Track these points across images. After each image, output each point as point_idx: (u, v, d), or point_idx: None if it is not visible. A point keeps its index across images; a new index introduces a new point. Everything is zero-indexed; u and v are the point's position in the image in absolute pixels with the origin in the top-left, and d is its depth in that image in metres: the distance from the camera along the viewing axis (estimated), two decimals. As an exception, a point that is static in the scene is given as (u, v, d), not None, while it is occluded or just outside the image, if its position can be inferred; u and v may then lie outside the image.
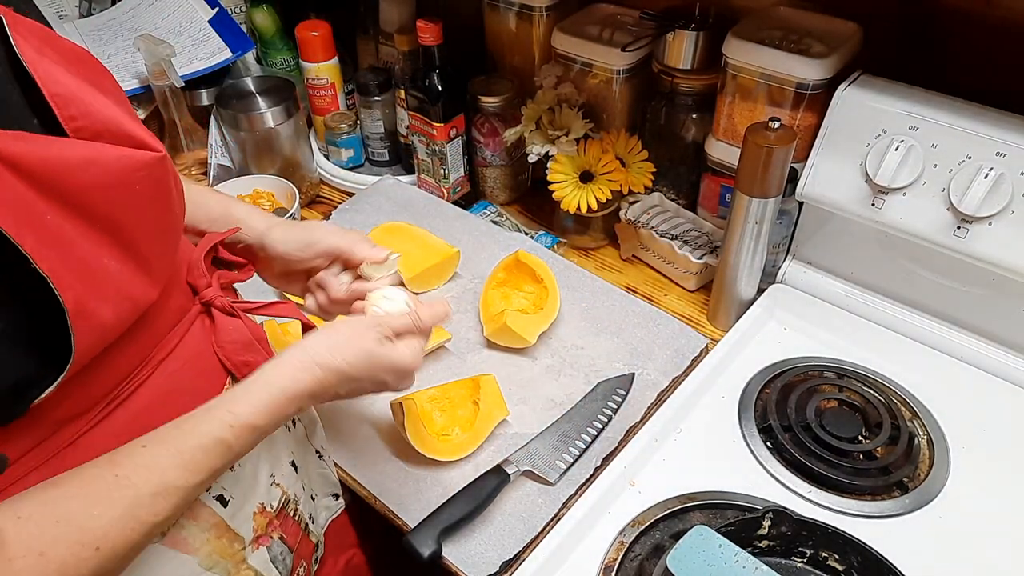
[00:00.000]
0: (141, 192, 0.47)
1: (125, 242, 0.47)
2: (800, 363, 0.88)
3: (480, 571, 0.69)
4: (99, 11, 1.29)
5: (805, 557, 0.70)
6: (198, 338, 0.58)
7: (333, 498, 0.78)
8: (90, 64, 0.53)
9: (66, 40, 0.52)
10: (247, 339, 0.60)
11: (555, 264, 0.99)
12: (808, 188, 0.86)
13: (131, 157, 0.46)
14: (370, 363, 0.59)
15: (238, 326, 0.60)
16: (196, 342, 0.58)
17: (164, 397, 0.54)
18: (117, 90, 0.55)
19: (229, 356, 0.59)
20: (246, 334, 0.60)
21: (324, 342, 0.58)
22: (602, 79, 0.99)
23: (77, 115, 0.45)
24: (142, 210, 0.48)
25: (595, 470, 0.77)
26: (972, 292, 0.83)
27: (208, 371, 0.59)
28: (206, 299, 0.59)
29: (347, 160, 1.23)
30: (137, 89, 1.16)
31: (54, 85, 0.45)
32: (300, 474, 0.69)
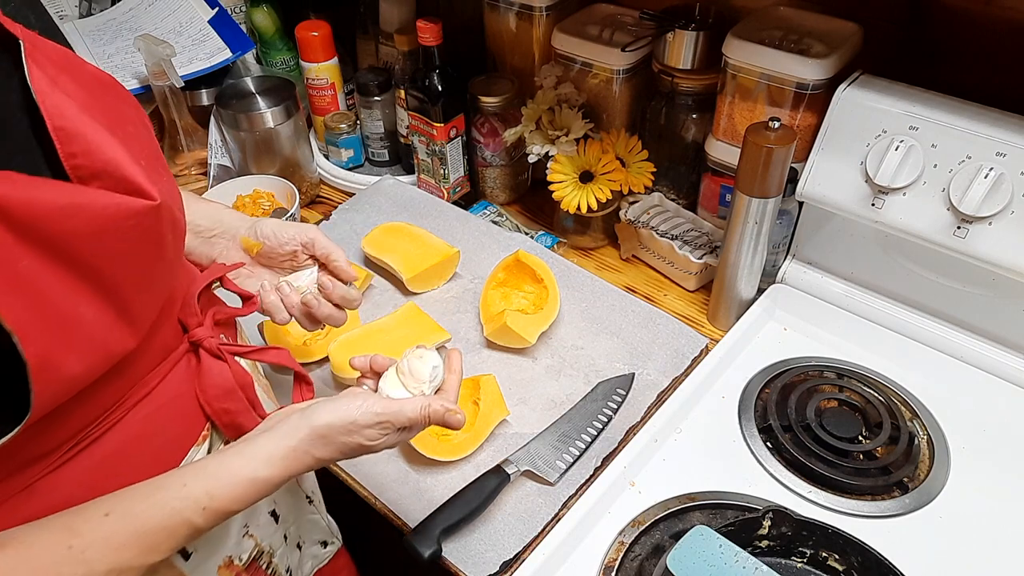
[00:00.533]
0: (129, 241, 0.45)
1: (106, 290, 0.45)
2: (800, 363, 0.88)
3: (480, 571, 0.69)
4: (99, 11, 1.29)
5: (805, 557, 0.70)
6: (180, 380, 0.56)
7: (321, 546, 0.76)
8: (114, 91, 0.51)
9: (91, 66, 0.50)
10: (230, 386, 0.58)
11: (555, 264, 0.99)
12: (808, 188, 0.86)
13: (121, 205, 0.44)
14: (360, 452, 0.58)
15: (223, 371, 0.58)
16: (178, 384, 0.56)
17: (135, 441, 0.52)
18: (139, 119, 0.53)
19: (210, 402, 0.57)
20: (230, 380, 0.58)
21: (323, 433, 0.54)
22: (602, 79, 0.99)
23: (78, 152, 0.43)
24: (128, 259, 0.46)
25: (595, 470, 0.77)
26: (972, 292, 0.83)
27: (186, 416, 0.56)
28: (195, 338, 0.57)
29: (347, 160, 1.23)
30: (137, 89, 1.16)
31: (60, 119, 0.43)
32: (282, 524, 0.68)
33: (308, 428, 0.54)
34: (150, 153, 0.52)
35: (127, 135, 0.48)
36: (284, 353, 0.63)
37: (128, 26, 1.25)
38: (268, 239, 0.69)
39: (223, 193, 1.10)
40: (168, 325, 0.56)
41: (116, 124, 0.48)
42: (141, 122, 0.54)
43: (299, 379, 0.64)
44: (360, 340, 0.88)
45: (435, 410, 0.60)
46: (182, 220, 0.54)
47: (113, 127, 0.47)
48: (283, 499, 0.69)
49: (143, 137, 0.52)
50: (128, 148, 0.46)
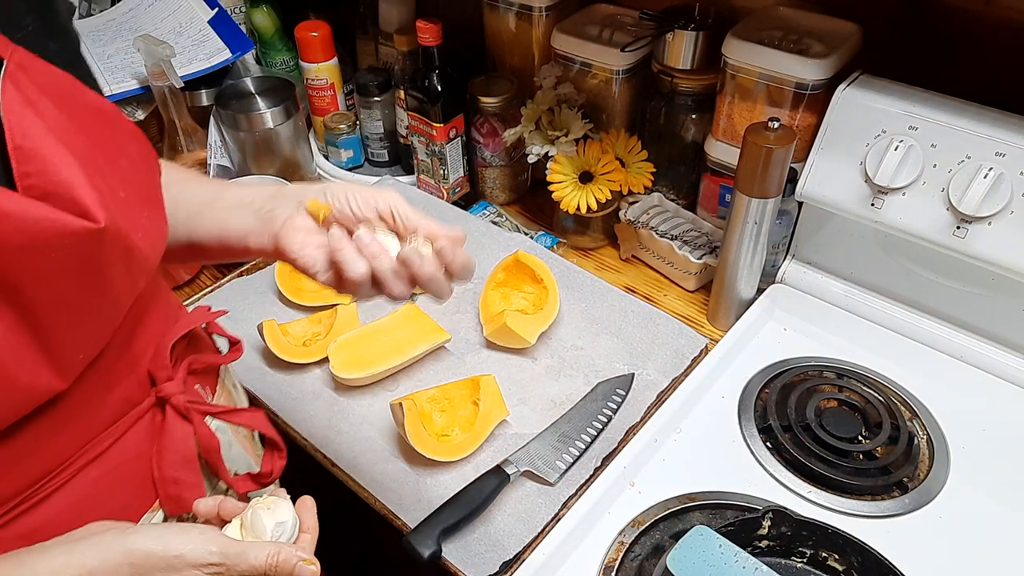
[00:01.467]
0: (60, 262, 0.42)
1: (24, 312, 0.41)
2: (800, 363, 0.88)
3: (480, 571, 0.69)
4: (99, 12, 1.29)
5: (805, 557, 0.70)
6: (140, 439, 0.52)
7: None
8: (112, 124, 0.49)
9: (93, 96, 0.48)
10: (190, 454, 0.53)
11: (555, 264, 0.99)
12: (808, 188, 0.86)
13: (56, 221, 0.41)
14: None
15: (187, 435, 0.53)
16: (136, 444, 0.51)
17: (82, 505, 0.47)
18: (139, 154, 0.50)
19: (161, 466, 0.52)
20: (191, 448, 0.53)
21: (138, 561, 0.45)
22: (602, 79, 0.99)
23: (32, 172, 0.41)
24: (57, 283, 0.42)
25: (595, 470, 0.77)
26: (972, 292, 0.83)
27: (137, 483, 0.52)
28: (162, 394, 0.53)
29: (347, 160, 1.23)
30: (137, 90, 1.16)
31: (21, 138, 0.41)
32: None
33: (121, 551, 0.44)
34: (138, 188, 0.49)
35: (112, 166, 0.46)
36: (259, 416, 0.59)
37: (128, 26, 1.25)
38: (339, 201, 0.56)
39: (223, 193, 1.10)
40: (133, 376, 0.52)
41: (101, 153, 0.46)
42: (141, 157, 0.51)
43: (271, 446, 0.60)
44: (360, 340, 0.88)
45: (285, 559, 0.49)
46: (150, 258, 0.49)
47: (93, 155, 0.45)
48: None
49: (137, 172, 0.49)
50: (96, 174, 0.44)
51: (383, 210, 0.56)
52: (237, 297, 0.98)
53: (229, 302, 0.97)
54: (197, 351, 0.60)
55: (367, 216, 0.56)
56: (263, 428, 0.59)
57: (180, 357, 0.56)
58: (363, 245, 0.54)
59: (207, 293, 0.99)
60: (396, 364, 0.86)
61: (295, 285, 0.98)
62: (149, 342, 0.53)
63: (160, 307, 0.56)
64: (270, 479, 0.60)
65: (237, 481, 0.58)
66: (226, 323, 0.94)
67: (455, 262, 0.56)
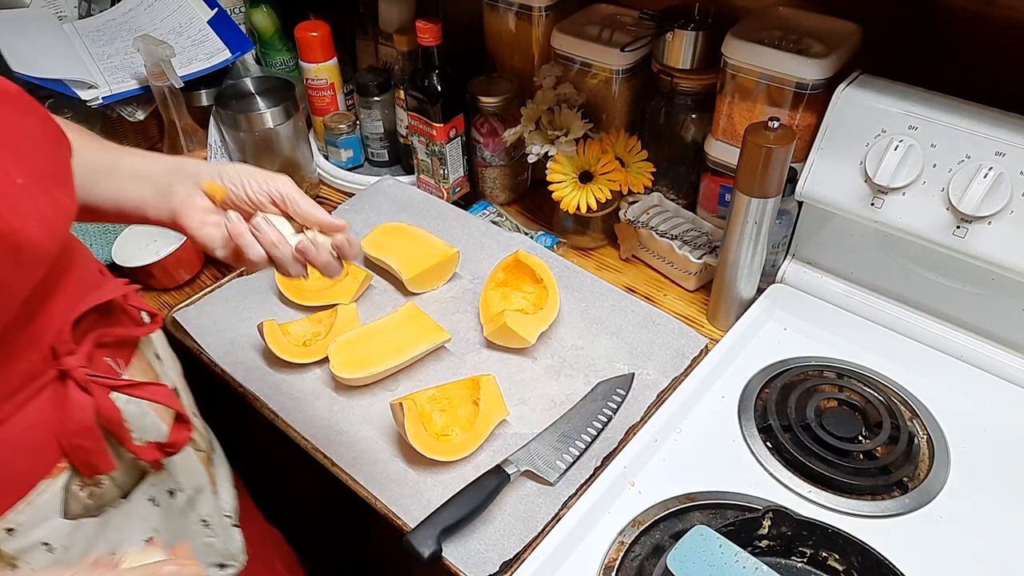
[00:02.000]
0: None
1: None
2: (800, 363, 0.88)
3: (480, 571, 0.69)
4: (98, 12, 1.29)
5: (805, 557, 0.70)
6: (40, 410, 0.53)
7: (218, 568, 0.74)
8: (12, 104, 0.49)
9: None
10: (89, 424, 0.54)
11: (555, 264, 0.99)
12: (808, 188, 0.86)
13: None
14: None
15: (86, 406, 0.54)
16: (36, 414, 0.53)
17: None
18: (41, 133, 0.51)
19: (66, 436, 0.54)
20: (90, 418, 0.54)
21: None
22: (601, 79, 0.99)
23: None
24: None
25: (595, 470, 0.77)
26: (972, 292, 0.83)
27: (41, 448, 0.54)
28: (64, 367, 0.54)
29: (346, 160, 1.24)
30: (136, 90, 1.16)
31: None
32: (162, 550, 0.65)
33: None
34: (40, 170, 0.49)
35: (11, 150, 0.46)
36: (163, 390, 0.60)
37: (127, 26, 1.25)
38: (234, 186, 0.61)
39: (223, 193, 1.10)
40: (34, 350, 0.53)
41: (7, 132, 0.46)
42: (45, 136, 0.51)
43: (179, 419, 0.62)
44: (360, 340, 0.88)
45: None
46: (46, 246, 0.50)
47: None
48: (168, 523, 0.66)
49: (40, 152, 0.50)
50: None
51: (276, 197, 0.61)
52: (237, 297, 0.98)
53: (229, 302, 0.97)
54: (111, 324, 0.60)
55: (261, 201, 0.61)
56: (166, 402, 0.60)
57: (89, 330, 0.57)
58: (261, 233, 0.59)
59: (207, 293, 0.99)
60: (396, 364, 0.86)
61: (295, 285, 0.98)
62: (54, 318, 0.55)
63: (71, 284, 0.57)
64: (175, 449, 0.61)
65: (142, 449, 0.60)
66: (227, 322, 0.94)
67: (350, 253, 0.62)
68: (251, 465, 0.96)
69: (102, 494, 0.59)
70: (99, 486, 0.58)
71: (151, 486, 0.64)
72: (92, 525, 0.58)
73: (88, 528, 0.58)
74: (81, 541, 0.58)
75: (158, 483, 0.65)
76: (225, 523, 0.76)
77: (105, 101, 1.13)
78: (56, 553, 0.56)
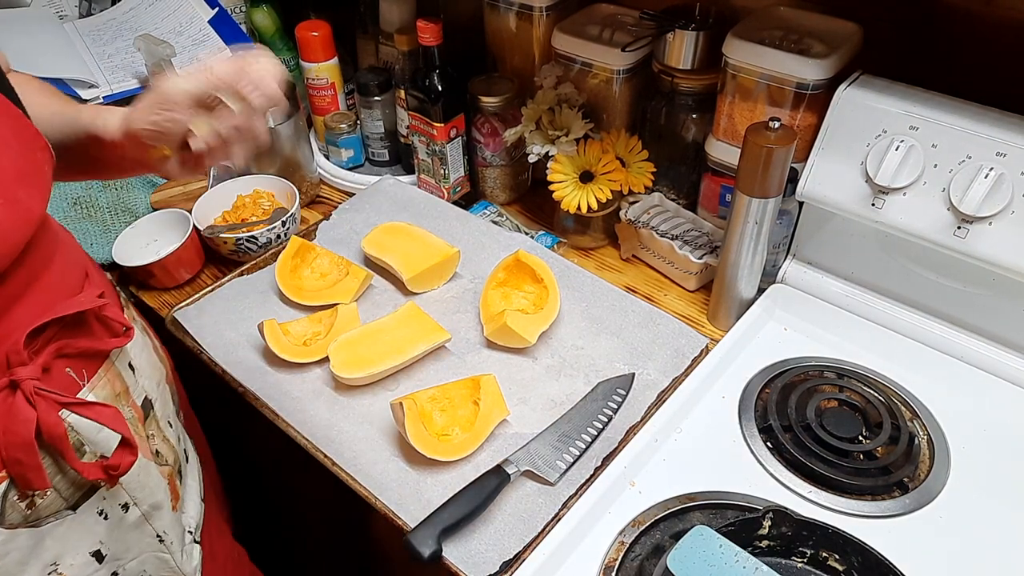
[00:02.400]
0: None
1: None
2: (800, 363, 0.88)
3: (480, 571, 0.69)
4: (99, 11, 1.29)
5: (805, 557, 0.70)
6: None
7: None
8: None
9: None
10: (28, 439, 0.54)
11: (555, 264, 0.99)
12: (808, 188, 0.86)
13: None
14: None
15: (28, 419, 0.54)
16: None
17: None
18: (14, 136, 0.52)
19: (5, 448, 0.54)
20: (30, 431, 0.54)
21: None
22: (602, 79, 0.99)
23: None
24: None
25: (595, 470, 0.77)
26: (972, 292, 0.83)
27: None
28: (14, 377, 0.54)
29: (347, 160, 1.24)
30: (137, 89, 1.16)
31: None
32: (109, 562, 0.65)
33: None
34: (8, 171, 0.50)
35: None
36: (109, 412, 0.60)
37: (128, 26, 1.25)
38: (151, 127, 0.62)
39: (223, 193, 1.10)
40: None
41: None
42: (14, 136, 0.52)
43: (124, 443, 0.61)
44: (360, 340, 0.88)
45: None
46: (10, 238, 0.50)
47: None
48: (119, 538, 0.66)
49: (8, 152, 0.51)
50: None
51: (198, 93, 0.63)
52: (237, 297, 0.98)
53: (229, 302, 0.97)
54: (77, 335, 0.60)
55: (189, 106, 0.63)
56: (112, 424, 0.59)
57: (52, 340, 0.57)
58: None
59: (207, 292, 0.99)
60: (396, 364, 0.86)
61: (295, 285, 0.98)
62: (13, 328, 0.54)
63: (38, 293, 0.57)
64: (117, 472, 0.61)
65: (86, 467, 0.59)
66: (227, 322, 0.94)
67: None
68: (250, 465, 0.96)
69: (44, 506, 0.58)
70: (42, 497, 0.58)
71: (102, 499, 0.63)
72: (31, 535, 0.58)
73: (26, 538, 0.57)
74: (17, 550, 0.57)
75: (111, 497, 0.64)
76: (185, 539, 0.75)
77: (106, 100, 1.14)
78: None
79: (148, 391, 0.70)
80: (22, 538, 0.57)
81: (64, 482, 0.60)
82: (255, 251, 1.05)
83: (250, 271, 1.03)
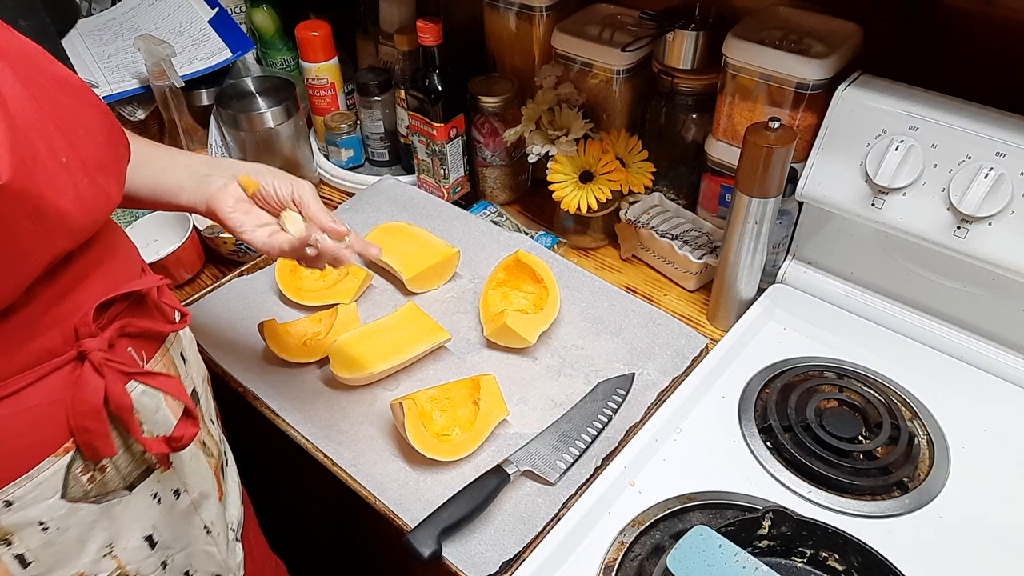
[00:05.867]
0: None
1: None
2: (800, 363, 0.88)
3: (480, 571, 0.69)
4: (99, 11, 1.29)
5: (805, 557, 0.70)
6: (54, 387, 0.55)
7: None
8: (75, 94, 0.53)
9: (60, 68, 0.52)
10: (97, 405, 0.56)
11: (555, 264, 0.99)
12: (808, 188, 0.86)
13: None
14: None
15: (97, 388, 0.56)
16: (50, 391, 0.54)
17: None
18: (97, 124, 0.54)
19: (74, 417, 0.56)
20: (99, 399, 0.56)
21: None
22: (602, 79, 0.99)
23: None
24: None
25: (595, 470, 0.77)
26: (972, 292, 0.83)
27: (48, 423, 0.55)
28: (83, 348, 0.56)
29: (347, 160, 1.24)
30: (137, 89, 1.16)
31: None
32: (160, 550, 0.67)
33: None
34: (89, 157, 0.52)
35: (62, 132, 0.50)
36: (173, 382, 0.62)
37: (128, 26, 1.25)
38: (265, 183, 0.70)
39: (223, 193, 1.10)
40: (58, 330, 0.55)
41: (52, 119, 0.49)
42: (103, 130, 0.54)
43: (186, 413, 0.63)
44: (360, 340, 0.88)
45: None
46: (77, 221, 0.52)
47: (41, 119, 0.48)
48: (170, 525, 0.67)
49: (93, 142, 0.53)
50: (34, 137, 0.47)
51: (297, 199, 0.70)
52: (237, 297, 0.98)
53: (230, 302, 0.97)
54: (140, 316, 0.62)
55: (285, 199, 0.70)
56: (176, 393, 0.62)
57: (117, 318, 0.59)
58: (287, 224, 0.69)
59: (207, 292, 0.99)
60: (396, 364, 0.86)
61: (295, 285, 0.98)
62: (85, 300, 0.57)
63: (108, 271, 0.60)
64: (180, 444, 0.62)
65: (149, 442, 0.61)
66: (227, 322, 0.94)
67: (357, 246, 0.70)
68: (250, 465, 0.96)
69: (104, 481, 0.60)
70: (102, 472, 0.59)
71: (156, 482, 0.65)
72: (91, 511, 0.59)
73: (86, 514, 0.59)
74: (77, 525, 0.58)
75: (164, 480, 0.66)
76: (229, 535, 0.76)
77: (106, 100, 1.13)
78: (50, 534, 0.57)
79: (196, 384, 0.72)
80: (82, 513, 0.58)
81: (124, 458, 0.61)
82: (255, 251, 1.05)
83: (250, 271, 1.03)
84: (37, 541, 0.56)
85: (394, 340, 0.88)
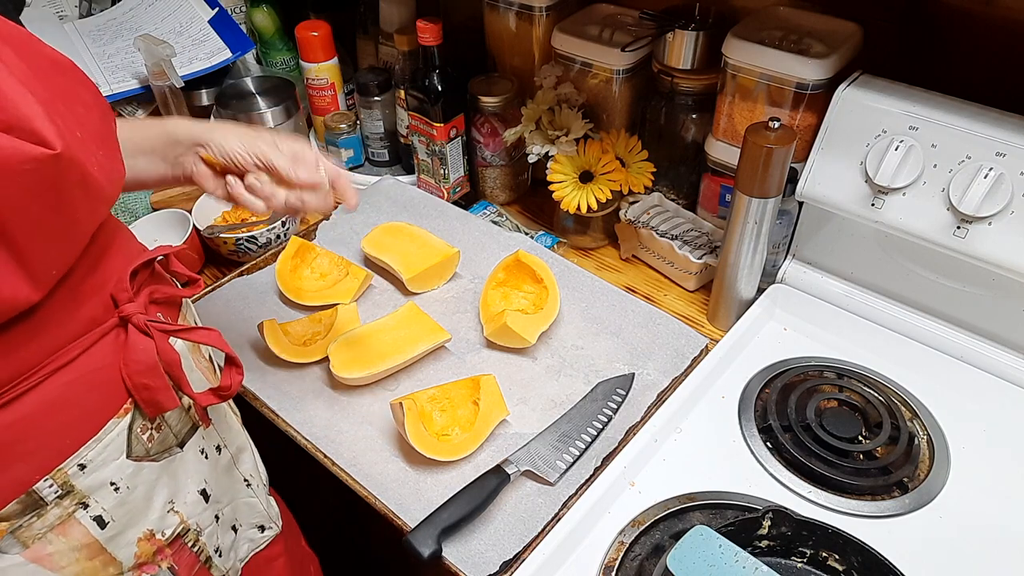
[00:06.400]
0: (25, 186, 0.47)
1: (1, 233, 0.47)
2: (800, 363, 0.88)
3: (480, 571, 0.69)
4: (99, 11, 1.29)
5: (805, 557, 0.70)
6: (105, 353, 0.57)
7: (259, 530, 0.78)
8: (69, 74, 0.55)
9: (50, 50, 0.53)
10: (152, 362, 0.58)
11: (555, 264, 0.99)
12: (808, 188, 0.86)
13: (18, 148, 0.46)
14: None
15: (148, 347, 0.58)
16: (102, 356, 0.57)
17: (53, 406, 0.53)
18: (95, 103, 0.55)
19: (131, 376, 0.58)
20: (152, 357, 0.58)
21: None
22: (602, 79, 0.99)
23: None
24: (25, 205, 0.48)
25: (595, 470, 0.77)
26: (972, 292, 0.83)
27: (109, 387, 0.57)
28: (124, 313, 0.58)
29: (347, 160, 1.24)
30: (137, 89, 1.16)
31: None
32: (213, 504, 0.69)
33: None
34: (93, 131, 0.54)
35: (68, 109, 0.51)
36: (214, 334, 0.64)
37: (128, 26, 1.25)
38: (223, 157, 0.69)
39: (223, 193, 1.10)
40: (97, 298, 0.57)
41: (58, 98, 0.51)
42: (96, 105, 0.56)
43: (230, 362, 0.65)
44: (360, 340, 0.88)
45: None
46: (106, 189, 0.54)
47: (51, 98, 0.50)
48: (217, 479, 0.70)
49: (92, 117, 0.55)
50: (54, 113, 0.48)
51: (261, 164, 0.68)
52: (237, 297, 0.98)
53: (229, 302, 0.97)
54: (160, 283, 0.65)
55: (248, 166, 0.68)
56: (220, 346, 0.63)
57: (142, 286, 0.62)
58: (256, 190, 0.68)
59: (207, 292, 0.99)
60: (396, 364, 0.86)
61: (295, 285, 0.98)
62: (113, 270, 0.59)
63: (122, 244, 0.62)
64: (229, 392, 0.64)
65: (199, 395, 0.63)
66: (227, 322, 0.94)
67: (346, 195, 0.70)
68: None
69: (161, 439, 0.62)
70: (159, 430, 0.62)
71: (202, 438, 0.68)
72: (152, 469, 0.62)
73: (149, 472, 0.61)
74: (143, 483, 0.61)
75: (207, 437, 0.69)
76: (263, 488, 0.78)
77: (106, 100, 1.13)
78: (121, 493, 0.59)
79: (211, 351, 0.74)
80: (146, 471, 0.61)
81: (175, 415, 0.63)
82: (255, 251, 1.05)
83: (250, 271, 1.03)
84: (111, 501, 0.59)
85: (394, 340, 0.88)
